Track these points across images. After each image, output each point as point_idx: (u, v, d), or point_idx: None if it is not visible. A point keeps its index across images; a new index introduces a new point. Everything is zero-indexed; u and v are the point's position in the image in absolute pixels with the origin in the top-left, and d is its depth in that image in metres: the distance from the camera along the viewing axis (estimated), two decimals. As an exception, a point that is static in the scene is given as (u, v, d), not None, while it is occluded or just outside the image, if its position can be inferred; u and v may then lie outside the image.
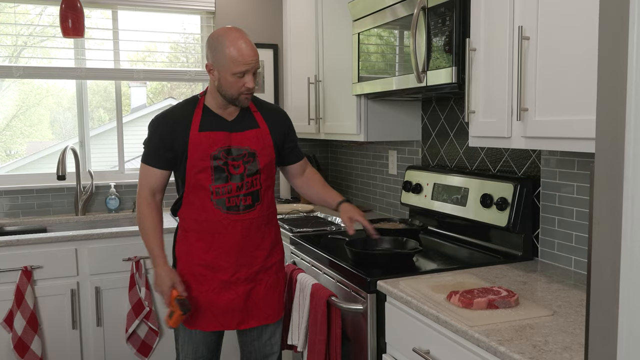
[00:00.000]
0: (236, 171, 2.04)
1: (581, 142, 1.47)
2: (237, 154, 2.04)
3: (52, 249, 2.82)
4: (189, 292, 2.06)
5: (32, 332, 2.75)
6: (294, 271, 2.37)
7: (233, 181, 2.03)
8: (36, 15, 3.50)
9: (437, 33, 1.99)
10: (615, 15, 0.78)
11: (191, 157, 2.01)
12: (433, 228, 2.58)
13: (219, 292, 2.07)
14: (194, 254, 2.07)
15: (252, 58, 1.97)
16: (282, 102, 3.83)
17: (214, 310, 2.07)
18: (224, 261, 2.05)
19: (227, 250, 2.05)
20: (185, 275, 2.08)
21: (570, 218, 1.96)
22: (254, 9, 3.73)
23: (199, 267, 2.06)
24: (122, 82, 3.60)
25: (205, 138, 2.01)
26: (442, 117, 2.64)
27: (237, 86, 1.98)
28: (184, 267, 2.09)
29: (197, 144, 2.00)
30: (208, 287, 2.06)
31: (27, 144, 3.89)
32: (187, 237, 2.09)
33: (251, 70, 1.98)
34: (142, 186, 2.10)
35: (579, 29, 1.46)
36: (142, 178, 2.10)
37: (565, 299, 1.64)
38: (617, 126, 0.78)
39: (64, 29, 3.12)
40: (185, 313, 1.97)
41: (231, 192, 2.03)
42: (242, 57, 1.94)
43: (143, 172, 2.10)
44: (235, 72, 1.95)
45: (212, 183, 2.02)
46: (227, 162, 2.02)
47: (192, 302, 2.06)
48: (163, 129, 2.05)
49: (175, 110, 2.09)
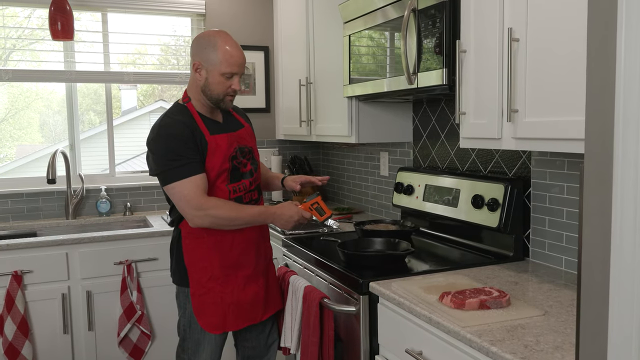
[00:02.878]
0: (246, 169, 2.13)
1: (571, 142, 1.48)
2: (242, 152, 2.11)
3: (43, 253, 2.80)
4: (214, 297, 2.06)
5: (23, 337, 2.72)
6: (286, 273, 2.37)
7: (245, 178, 2.12)
8: (25, 17, 3.48)
9: (427, 35, 1.99)
10: (604, 17, 0.79)
11: (210, 161, 1.99)
12: (425, 229, 2.59)
13: (244, 287, 2.10)
14: (216, 257, 2.05)
15: (242, 61, 2.06)
16: (274, 104, 3.83)
17: (242, 307, 2.10)
18: (246, 256, 2.11)
19: (249, 245, 2.12)
20: (206, 282, 2.05)
21: (561, 218, 1.97)
22: (244, 11, 3.73)
23: (222, 268, 2.06)
24: (113, 85, 3.58)
25: (222, 140, 2.04)
26: (433, 119, 2.65)
27: (224, 87, 2.03)
28: (202, 275, 2.06)
29: (215, 146, 2.01)
30: (233, 285, 2.08)
31: (17, 148, 3.86)
32: (201, 244, 2.05)
33: (239, 73, 2.05)
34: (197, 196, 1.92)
35: (568, 30, 1.47)
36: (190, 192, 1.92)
37: (556, 298, 1.65)
38: (606, 127, 0.79)
39: (53, 32, 3.11)
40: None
41: (246, 188, 2.12)
42: (233, 58, 2.01)
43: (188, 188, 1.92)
44: (225, 72, 2.00)
45: (229, 183, 2.06)
46: (240, 161, 2.10)
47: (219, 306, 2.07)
48: (185, 134, 1.95)
49: (180, 118, 2.01)
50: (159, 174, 1.98)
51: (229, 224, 1.99)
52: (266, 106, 3.82)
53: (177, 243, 2.11)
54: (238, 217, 1.98)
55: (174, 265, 2.13)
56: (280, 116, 3.70)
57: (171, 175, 1.94)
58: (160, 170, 1.97)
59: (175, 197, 1.95)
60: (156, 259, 2.99)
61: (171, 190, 1.96)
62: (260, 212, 2.04)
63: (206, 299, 2.06)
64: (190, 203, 1.93)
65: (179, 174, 1.93)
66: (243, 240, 2.09)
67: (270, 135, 3.85)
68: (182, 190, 1.93)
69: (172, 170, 1.94)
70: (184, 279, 2.10)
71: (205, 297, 2.06)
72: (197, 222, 1.96)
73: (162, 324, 3.01)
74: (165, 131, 1.97)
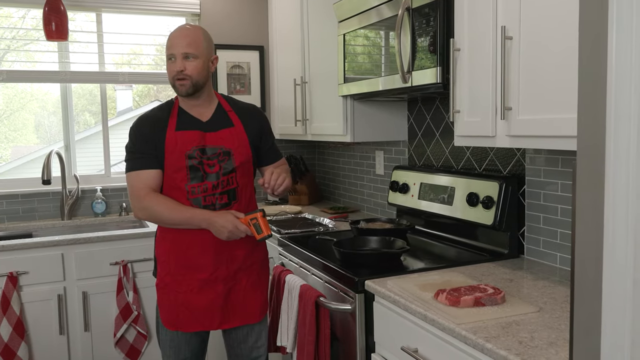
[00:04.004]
0: (211, 170, 2.05)
1: (564, 140, 1.49)
2: (211, 153, 2.05)
3: (38, 254, 2.79)
4: (169, 293, 2.08)
5: (19, 338, 2.72)
6: (282, 272, 2.37)
7: (209, 180, 2.04)
8: (19, 18, 3.46)
9: (421, 33, 2.00)
10: (595, 15, 0.79)
11: (168, 157, 2.02)
12: (420, 227, 2.59)
13: (199, 291, 2.06)
14: (173, 254, 2.07)
15: (179, 41, 2.00)
16: (269, 104, 3.83)
17: (194, 311, 2.07)
18: (202, 259, 2.05)
19: (206, 248, 2.05)
20: (164, 277, 2.09)
21: (555, 215, 1.98)
22: (239, 11, 3.73)
23: (179, 267, 2.07)
24: (108, 86, 3.58)
25: (180, 137, 2.03)
26: (428, 117, 2.66)
27: (170, 71, 2.04)
28: (164, 268, 2.10)
29: (173, 143, 2.02)
30: (187, 286, 2.06)
31: (12, 149, 3.85)
32: (165, 238, 2.09)
33: (179, 53, 2.00)
34: (138, 189, 2.00)
35: (560, 28, 1.48)
36: (135, 184, 2.01)
37: (550, 295, 1.66)
38: (598, 124, 0.79)
39: (47, 32, 3.10)
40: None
41: (207, 190, 2.04)
42: (170, 40, 2.03)
43: (134, 180, 2.02)
44: (168, 55, 2.03)
45: (188, 182, 2.03)
46: (202, 162, 2.04)
47: (173, 303, 2.07)
48: (144, 129, 2.05)
49: (153, 113, 2.10)
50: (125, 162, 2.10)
51: (162, 221, 2.03)
52: (261, 105, 3.82)
53: (155, 234, 2.18)
54: (171, 217, 1.99)
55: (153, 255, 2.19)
56: (275, 115, 3.70)
57: (127, 166, 2.05)
58: (124, 160, 2.09)
59: (128, 187, 2.06)
60: (152, 259, 2.97)
61: (126, 180, 2.08)
62: (194, 215, 1.98)
63: (164, 293, 2.10)
64: (131, 194, 2.04)
65: (131, 165, 2.04)
66: (200, 242, 2.04)
67: (266, 135, 3.84)
68: (130, 182, 2.04)
69: (127, 161, 2.06)
70: (154, 271, 2.17)
71: (163, 292, 2.10)
72: (138, 215, 2.03)
73: (158, 324, 3.01)
74: (133, 124, 2.09)
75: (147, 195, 2.00)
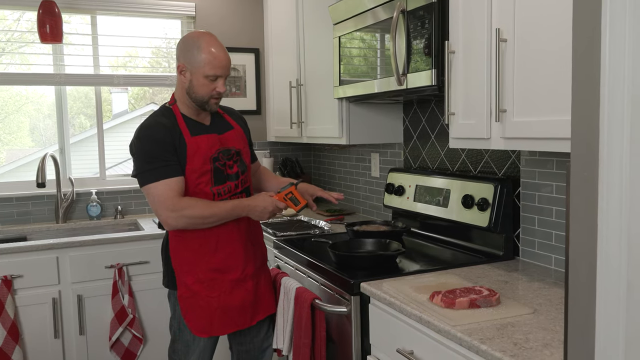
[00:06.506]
0: (232, 171, 2.10)
1: (558, 142, 1.50)
2: (228, 155, 2.08)
3: (33, 258, 2.78)
4: (200, 301, 2.05)
5: (13, 342, 2.70)
6: (277, 275, 2.37)
7: (231, 180, 2.09)
8: (14, 21, 3.46)
9: (416, 36, 2.00)
10: (589, 18, 0.80)
11: (191, 162, 1.99)
12: (416, 229, 2.60)
13: (231, 292, 2.08)
14: (198, 261, 2.04)
15: (227, 63, 2.04)
16: (264, 106, 3.83)
17: (229, 312, 2.08)
18: (233, 260, 2.08)
19: (236, 249, 2.08)
20: (192, 285, 2.05)
21: (550, 217, 1.99)
22: (234, 13, 3.73)
23: (207, 272, 2.05)
24: (103, 88, 3.57)
25: (203, 141, 2.02)
26: (423, 119, 2.67)
27: (208, 89, 2.01)
28: (189, 277, 2.05)
29: (195, 148, 2.00)
30: (220, 290, 2.06)
31: (6, 152, 3.83)
32: (187, 246, 2.05)
33: (223, 75, 2.03)
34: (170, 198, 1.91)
35: (554, 31, 1.48)
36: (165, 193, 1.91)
37: (545, 296, 1.66)
38: (592, 126, 0.80)
39: (41, 35, 3.10)
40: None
41: (231, 191, 2.09)
42: (217, 60, 2.00)
43: (164, 189, 1.91)
44: (209, 74, 1.99)
45: (212, 185, 2.03)
46: (225, 163, 2.07)
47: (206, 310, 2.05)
48: (160, 137, 1.96)
49: (160, 120, 2.01)
50: (137, 175, 1.99)
51: (203, 222, 1.97)
52: (257, 108, 3.82)
53: (165, 246, 2.12)
54: (212, 214, 1.95)
55: (164, 268, 2.14)
56: (271, 118, 3.70)
57: (147, 177, 1.95)
58: (138, 172, 1.98)
59: (150, 198, 1.96)
60: (147, 262, 2.98)
61: (146, 192, 1.97)
62: (234, 206, 1.99)
63: (193, 302, 2.06)
64: (163, 205, 1.92)
65: (153, 176, 1.93)
66: (228, 243, 2.06)
67: (261, 137, 3.85)
68: (156, 192, 1.93)
69: (148, 172, 1.95)
70: (171, 282, 2.11)
71: (192, 301, 2.06)
72: (171, 224, 1.95)
73: (154, 327, 3.00)
74: (145, 133, 1.98)
75: (180, 202, 1.93)
